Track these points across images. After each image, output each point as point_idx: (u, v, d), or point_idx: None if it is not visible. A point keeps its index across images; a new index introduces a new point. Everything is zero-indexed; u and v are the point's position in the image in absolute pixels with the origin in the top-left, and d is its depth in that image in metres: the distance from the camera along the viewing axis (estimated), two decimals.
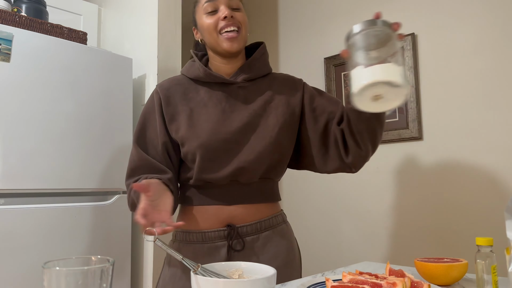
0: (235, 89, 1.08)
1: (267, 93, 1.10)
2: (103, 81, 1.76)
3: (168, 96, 1.09)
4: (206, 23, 1.05)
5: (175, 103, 1.08)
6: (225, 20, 1.03)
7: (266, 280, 0.69)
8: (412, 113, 1.90)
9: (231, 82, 1.08)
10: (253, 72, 1.11)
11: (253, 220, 1.05)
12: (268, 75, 1.15)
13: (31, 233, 1.50)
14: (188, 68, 1.12)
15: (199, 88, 1.09)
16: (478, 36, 1.73)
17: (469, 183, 1.72)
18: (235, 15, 1.04)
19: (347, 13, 2.20)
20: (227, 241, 1.03)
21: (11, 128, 1.49)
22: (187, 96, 1.09)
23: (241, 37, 1.06)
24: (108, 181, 1.74)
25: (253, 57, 1.12)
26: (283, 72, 2.45)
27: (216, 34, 1.04)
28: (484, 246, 0.75)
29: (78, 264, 0.58)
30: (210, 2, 1.04)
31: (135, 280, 1.87)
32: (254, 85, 1.10)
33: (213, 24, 1.04)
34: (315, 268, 2.19)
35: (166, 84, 1.12)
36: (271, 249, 1.06)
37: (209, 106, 1.06)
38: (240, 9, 1.07)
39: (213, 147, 1.01)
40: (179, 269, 1.04)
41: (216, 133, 1.02)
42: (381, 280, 0.72)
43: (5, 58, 1.49)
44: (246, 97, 1.08)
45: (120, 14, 2.17)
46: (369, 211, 2.03)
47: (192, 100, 1.08)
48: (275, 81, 1.14)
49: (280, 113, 1.07)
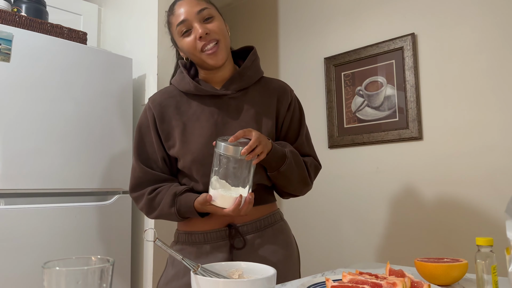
0: (227, 100, 1.09)
1: (258, 104, 1.10)
2: (103, 81, 1.76)
3: (162, 112, 1.09)
4: (185, 45, 1.04)
5: (169, 119, 1.09)
6: (201, 39, 1.01)
7: (266, 280, 0.69)
8: (412, 113, 1.90)
9: (222, 94, 1.08)
10: (244, 81, 1.10)
11: (252, 219, 1.08)
12: (260, 80, 1.15)
13: (31, 233, 1.50)
14: (179, 81, 1.12)
15: (191, 101, 1.10)
16: (478, 36, 1.73)
17: (469, 183, 1.72)
18: (209, 28, 1.02)
19: (347, 13, 2.20)
20: (228, 240, 1.06)
21: (11, 128, 1.49)
22: (179, 110, 1.09)
23: (222, 48, 1.04)
24: (108, 181, 1.74)
25: (244, 66, 1.11)
26: (280, 74, 2.45)
27: (198, 53, 1.03)
28: (484, 246, 0.75)
29: (78, 264, 0.58)
30: (181, 24, 1.02)
31: (135, 280, 1.87)
32: (246, 95, 1.10)
33: (192, 46, 1.02)
34: (315, 268, 2.19)
35: (158, 99, 1.11)
36: (270, 246, 1.08)
37: (201, 120, 1.07)
38: (213, 16, 1.04)
39: (207, 162, 1.02)
40: (183, 269, 1.06)
41: (209, 148, 1.03)
42: (381, 280, 0.72)
43: (5, 58, 1.49)
44: (237, 108, 1.08)
45: (120, 14, 2.17)
46: (369, 211, 2.03)
47: (185, 114, 1.08)
48: (266, 90, 1.13)
49: (270, 127, 1.09)
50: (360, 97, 2.11)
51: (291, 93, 1.16)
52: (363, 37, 2.12)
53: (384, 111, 2.01)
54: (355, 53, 2.13)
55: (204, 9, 1.03)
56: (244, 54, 1.17)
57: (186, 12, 1.02)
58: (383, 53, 2.02)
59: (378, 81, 2.04)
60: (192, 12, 1.01)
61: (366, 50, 2.09)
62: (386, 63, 2.02)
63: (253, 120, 1.08)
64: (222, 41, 1.04)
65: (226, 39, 1.05)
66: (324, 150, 2.24)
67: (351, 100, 2.14)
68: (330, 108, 2.22)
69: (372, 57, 2.07)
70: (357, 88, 2.13)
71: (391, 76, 1.99)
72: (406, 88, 1.93)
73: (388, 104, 2.00)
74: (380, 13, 2.07)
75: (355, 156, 2.12)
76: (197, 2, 1.03)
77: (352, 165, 2.12)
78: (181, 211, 1.03)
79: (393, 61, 1.99)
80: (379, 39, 2.06)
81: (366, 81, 2.09)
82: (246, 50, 1.17)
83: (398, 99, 1.96)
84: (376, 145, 2.03)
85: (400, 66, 1.96)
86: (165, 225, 1.81)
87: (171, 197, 1.04)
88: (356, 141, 2.09)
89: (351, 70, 2.16)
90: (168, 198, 1.04)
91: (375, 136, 2.02)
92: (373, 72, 2.07)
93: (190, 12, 1.01)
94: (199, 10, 1.02)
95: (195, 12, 1.01)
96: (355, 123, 2.12)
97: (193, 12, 1.01)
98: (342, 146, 2.16)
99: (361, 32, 2.14)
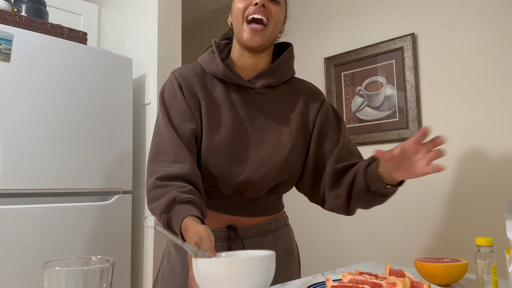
0: (252, 94, 1.01)
1: (284, 105, 1.03)
2: (103, 81, 1.76)
3: (188, 85, 1.00)
4: (237, 6, 0.97)
5: (195, 93, 1.00)
6: (256, 6, 0.94)
7: (269, 257, 0.68)
8: (412, 113, 1.90)
9: (249, 87, 1.01)
10: (274, 78, 1.03)
11: (254, 223, 1.03)
12: (290, 80, 1.08)
13: (31, 233, 1.50)
14: (207, 62, 1.03)
15: (216, 84, 1.02)
16: (478, 36, 1.73)
17: (469, 183, 1.72)
18: (269, 6, 0.96)
19: (347, 13, 2.20)
20: (226, 242, 1.00)
21: (11, 128, 1.49)
22: (205, 89, 1.01)
23: (267, 32, 0.97)
24: (108, 181, 1.74)
25: (278, 62, 1.04)
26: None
27: (242, 20, 0.96)
28: (484, 246, 0.75)
29: (78, 264, 0.58)
30: None
31: (135, 280, 1.87)
32: (273, 93, 1.03)
33: (242, 8, 0.95)
34: (315, 268, 2.19)
35: (184, 73, 1.02)
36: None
37: (223, 107, 0.99)
38: (279, 3, 0.98)
39: (222, 154, 0.97)
40: (179, 265, 1.02)
41: (226, 140, 0.97)
42: (381, 280, 0.72)
43: (5, 58, 1.49)
44: (262, 105, 1.01)
45: (120, 14, 2.17)
46: (369, 211, 2.03)
47: (209, 95, 1.00)
48: (295, 91, 1.06)
49: (294, 130, 1.01)
50: (360, 97, 2.11)
51: (322, 97, 1.09)
52: (363, 37, 2.12)
53: (384, 111, 2.01)
54: (355, 53, 2.13)
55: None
56: (280, 49, 1.11)
57: None
58: (383, 53, 2.02)
59: (378, 81, 2.04)
60: None
61: (366, 50, 2.09)
62: (386, 63, 2.02)
63: (276, 122, 1.01)
64: (271, 27, 0.97)
65: (275, 29, 0.99)
66: None
67: (351, 100, 2.14)
68: None
69: (372, 57, 2.07)
70: (357, 88, 2.13)
71: (391, 76, 1.99)
72: (406, 88, 1.93)
73: (388, 104, 2.00)
74: (380, 13, 2.06)
75: None
76: None
77: None
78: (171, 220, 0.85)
79: (393, 61, 1.99)
80: (379, 39, 2.06)
81: (366, 81, 2.09)
82: (283, 46, 1.11)
83: (398, 99, 1.96)
84: (376, 145, 2.03)
85: (400, 66, 1.96)
86: None
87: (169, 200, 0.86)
88: (356, 141, 2.09)
89: (351, 70, 2.16)
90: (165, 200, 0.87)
91: (375, 136, 2.02)
92: (373, 72, 2.07)
93: None
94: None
95: None
96: (355, 123, 2.12)
97: None
98: None
99: (361, 32, 2.14)
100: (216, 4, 3.10)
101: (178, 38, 1.98)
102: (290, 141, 1.00)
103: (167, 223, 0.85)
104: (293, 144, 1.00)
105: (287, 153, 0.99)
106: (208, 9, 3.19)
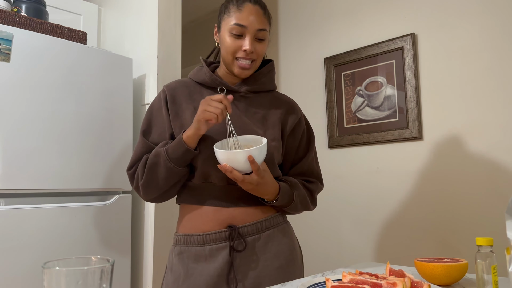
0: (238, 97, 1.12)
1: (267, 108, 1.13)
2: (103, 81, 1.76)
3: (174, 95, 1.12)
4: (227, 43, 1.05)
5: (179, 102, 1.12)
6: (245, 53, 1.04)
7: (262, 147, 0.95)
8: (412, 113, 1.90)
9: (235, 91, 1.12)
10: (257, 85, 1.13)
11: (253, 220, 1.06)
12: (272, 92, 1.19)
13: (31, 233, 1.50)
14: (195, 73, 1.16)
15: (204, 91, 1.13)
16: (478, 36, 1.73)
17: (469, 183, 1.72)
18: (256, 49, 1.06)
19: (347, 13, 2.20)
20: (228, 242, 1.04)
21: (11, 128, 1.49)
22: (192, 96, 1.12)
23: (254, 67, 1.09)
24: (108, 181, 1.74)
25: (260, 72, 1.14)
26: (280, 74, 2.46)
27: (232, 58, 1.06)
28: (484, 246, 0.75)
29: (78, 264, 0.58)
30: (239, 27, 1.03)
31: (135, 280, 1.87)
32: (256, 98, 1.14)
33: (232, 48, 1.05)
34: (315, 268, 2.19)
35: (173, 85, 1.15)
36: (273, 248, 1.07)
37: None
38: (264, 40, 1.07)
39: (211, 146, 1.03)
40: (182, 274, 1.06)
41: (215, 135, 1.05)
42: (381, 280, 0.72)
43: (5, 58, 1.49)
44: (247, 107, 1.12)
45: (120, 14, 2.17)
46: (369, 211, 2.03)
47: (196, 101, 1.11)
48: (277, 100, 1.17)
49: (276, 131, 1.11)
50: (360, 97, 2.11)
51: (300, 111, 1.20)
52: (363, 37, 2.13)
53: (384, 111, 2.01)
54: (355, 53, 2.13)
55: (264, 30, 1.06)
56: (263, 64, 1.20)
57: (250, 22, 1.03)
58: (383, 53, 2.02)
59: (378, 81, 2.04)
60: (254, 26, 1.04)
61: (366, 50, 2.09)
62: (386, 63, 2.02)
63: (260, 122, 1.10)
64: (257, 62, 1.09)
65: (260, 61, 1.10)
66: (324, 150, 2.24)
67: (351, 100, 2.15)
68: (330, 108, 2.22)
69: (372, 57, 2.07)
70: (357, 88, 2.13)
71: (391, 76, 1.99)
72: (406, 88, 1.93)
73: (388, 104, 2.00)
74: (380, 13, 2.07)
75: (355, 156, 2.12)
76: (263, 18, 1.06)
77: (352, 165, 2.12)
78: (169, 150, 1.02)
79: (393, 61, 1.99)
80: (379, 39, 2.06)
81: (366, 81, 2.09)
82: (266, 61, 1.21)
83: (398, 99, 1.96)
84: (376, 145, 2.03)
85: (400, 66, 1.96)
86: (164, 228, 1.81)
87: (161, 145, 1.06)
88: (356, 141, 2.09)
89: (351, 70, 2.16)
90: (158, 147, 1.06)
91: (375, 136, 2.02)
92: (373, 72, 2.07)
93: (253, 25, 1.03)
94: (260, 28, 1.05)
95: (257, 28, 1.04)
96: (355, 123, 2.12)
97: (255, 27, 1.04)
98: (342, 146, 2.16)
99: (361, 32, 2.14)
100: (216, 4, 3.10)
101: (178, 38, 1.98)
102: (275, 140, 1.09)
103: (167, 152, 1.01)
104: (275, 144, 1.09)
105: (272, 150, 1.08)
106: (208, 9, 3.19)
